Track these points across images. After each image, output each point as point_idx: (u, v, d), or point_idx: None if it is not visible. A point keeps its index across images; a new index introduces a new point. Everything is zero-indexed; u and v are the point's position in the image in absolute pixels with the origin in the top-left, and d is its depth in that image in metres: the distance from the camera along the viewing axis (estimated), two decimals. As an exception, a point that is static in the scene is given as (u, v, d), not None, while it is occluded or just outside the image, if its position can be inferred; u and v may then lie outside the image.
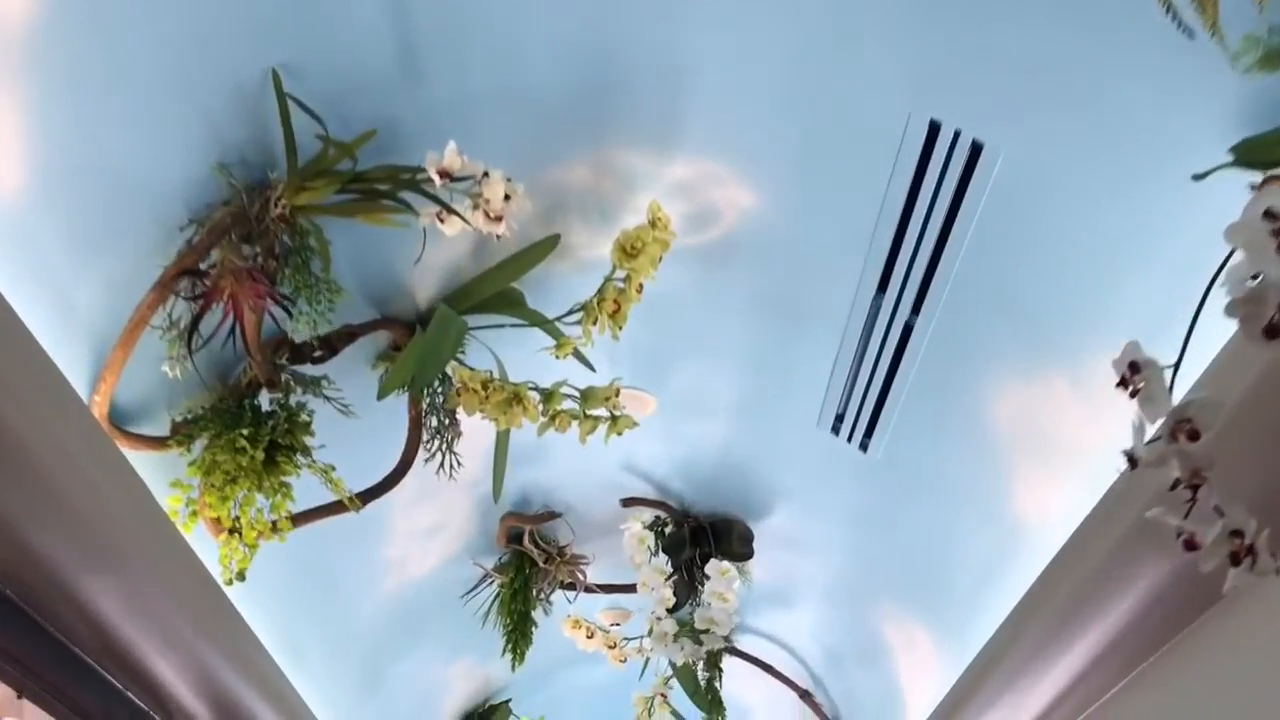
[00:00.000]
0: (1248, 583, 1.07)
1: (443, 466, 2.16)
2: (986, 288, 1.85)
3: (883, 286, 2.01)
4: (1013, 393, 1.97)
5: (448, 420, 2.16)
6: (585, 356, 2.17)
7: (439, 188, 1.62)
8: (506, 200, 1.67)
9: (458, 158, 1.60)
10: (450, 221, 1.66)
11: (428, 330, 1.95)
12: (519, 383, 2.04)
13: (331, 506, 2.06)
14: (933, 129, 1.67)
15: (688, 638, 2.80)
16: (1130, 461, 1.13)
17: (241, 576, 1.81)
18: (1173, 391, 1.13)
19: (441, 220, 1.66)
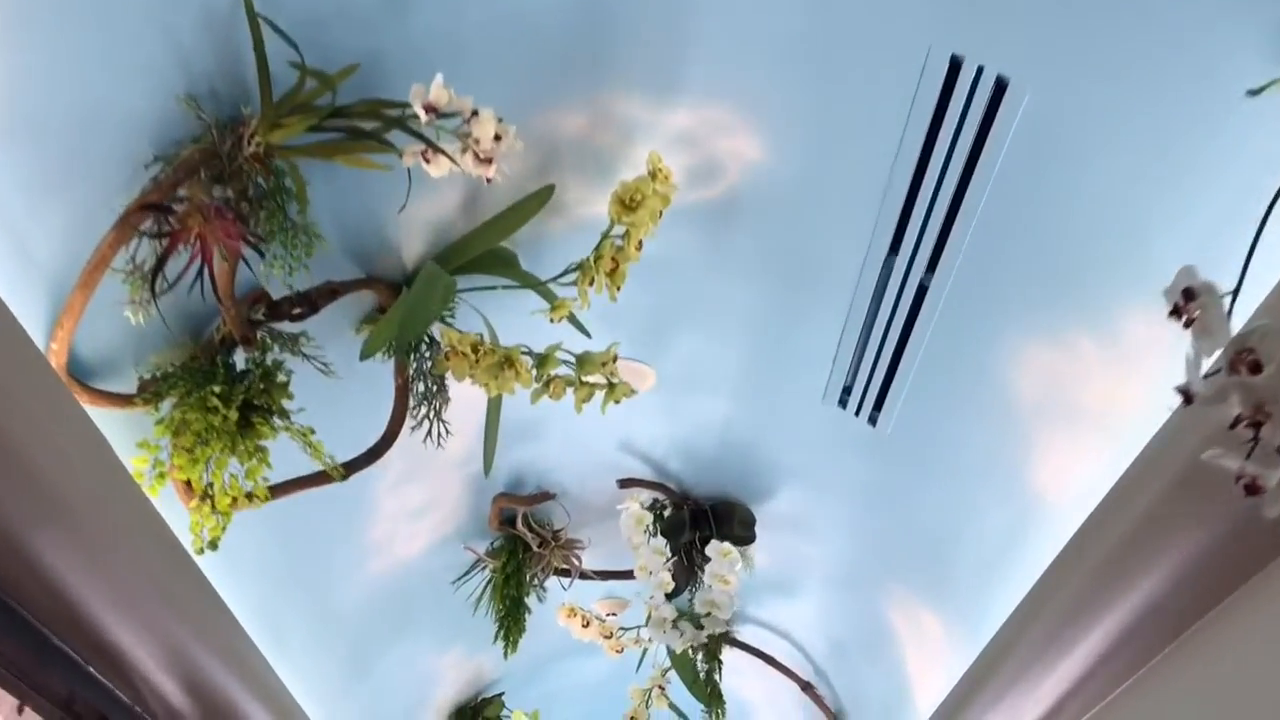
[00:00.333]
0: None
1: (430, 435, 2.05)
2: (1008, 242, 1.74)
3: (896, 245, 1.90)
4: (1035, 357, 1.86)
5: (435, 387, 2.05)
6: (581, 322, 2.06)
7: (424, 124, 1.51)
8: (497, 141, 1.56)
9: (444, 91, 1.49)
10: (437, 162, 1.55)
11: (413, 287, 1.84)
12: (511, 346, 1.92)
13: (313, 478, 1.95)
14: (953, 66, 1.56)
15: (688, 621, 2.68)
16: (1185, 397, 1.02)
17: (214, 546, 1.69)
18: (1231, 320, 1.02)
19: (427, 160, 1.55)
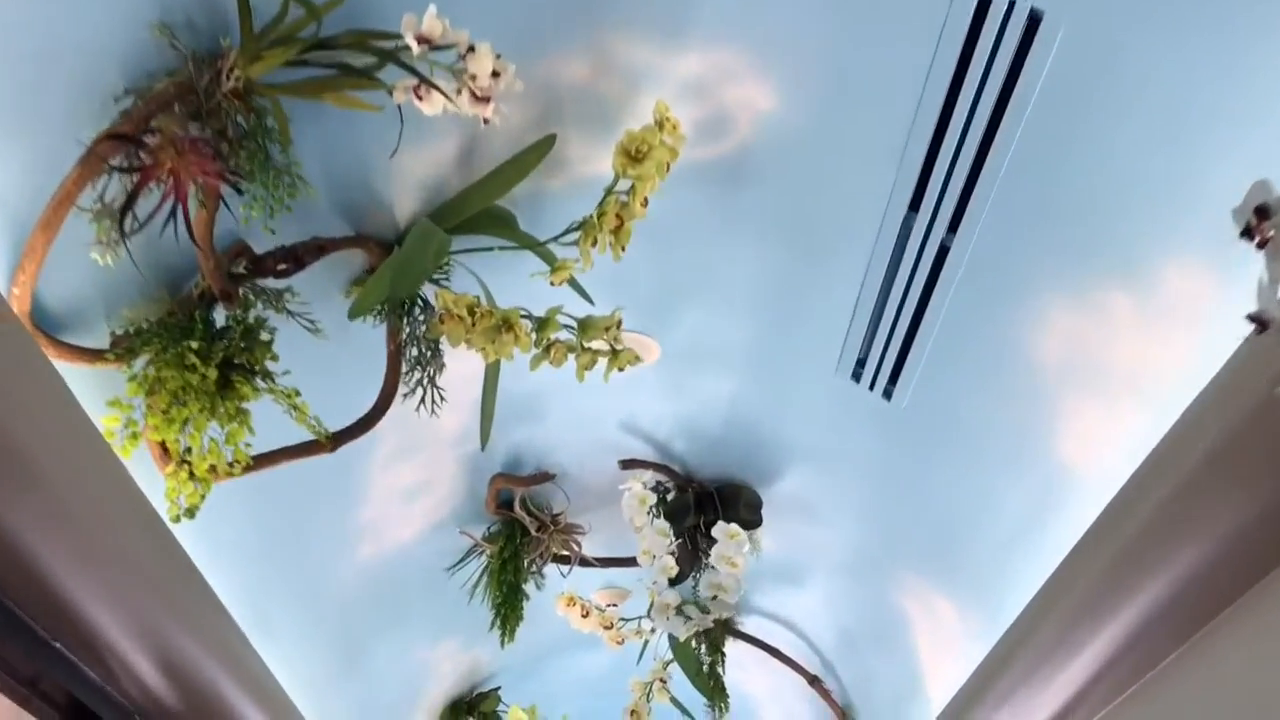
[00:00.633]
0: None
1: (424, 402, 1.94)
2: (1039, 194, 1.64)
3: (916, 202, 1.79)
4: (1064, 318, 1.75)
5: (430, 353, 1.94)
6: (582, 288, 1.96)
7: (417, 58, 1.40)
8: (495, 79, 1.45)
9: (438, 22, 1.38)
10: (430, 99, 1.44)
11: (405, 243, 1.73)
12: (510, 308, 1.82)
13: (300, 448, 1.84)
14: (983, -1, 1.46)
15: (693, 605, 2.58)
16: (1259, 324, 0.92)
17: (190, 514, 1.59)
18: (1309, 240, 0.92)
19: (420, 98, 1.45)
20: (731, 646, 3.11)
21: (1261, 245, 0.92)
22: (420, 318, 1.93)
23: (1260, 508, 1.44)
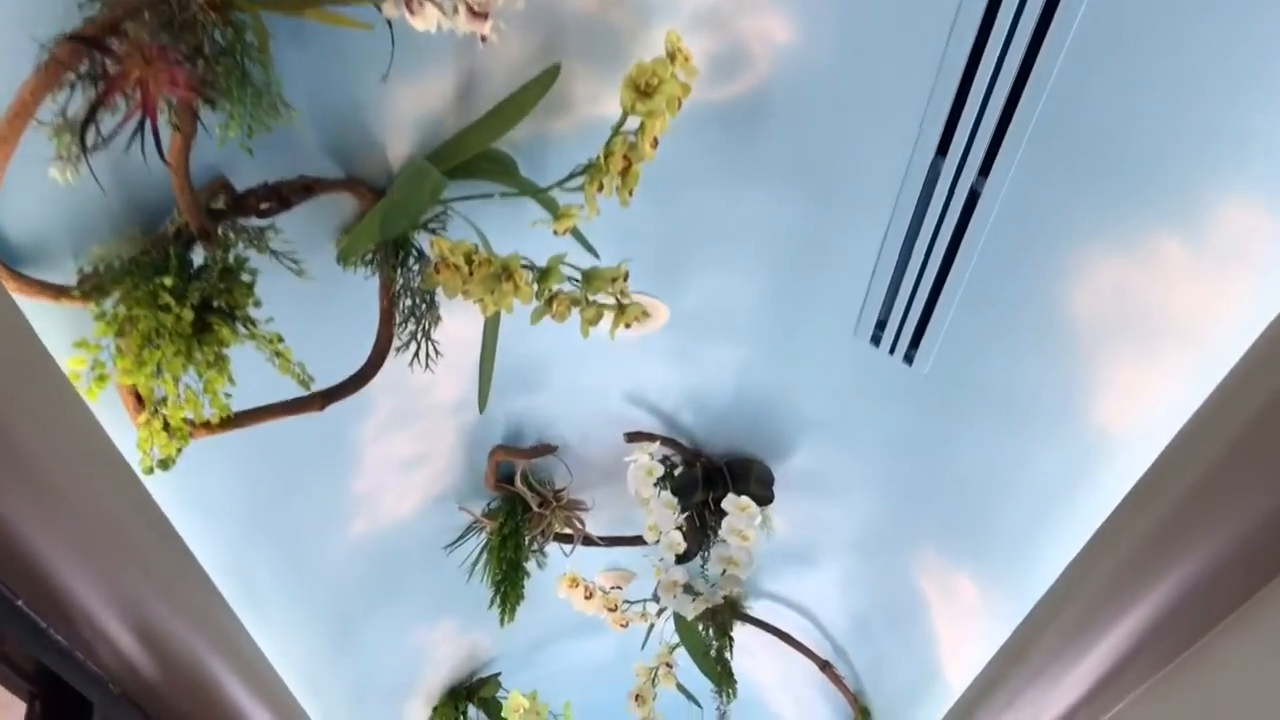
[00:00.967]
0: None
1: (418, 357, 1.83)
2: (1078, 131, 1.52)
3: (945, 145, 1.68)
4: (1102, 268, 1.64)
5: (425, 305, 1.83)
6: (587, 239, 1.85)
7: (408, -33, 1.29)
8: (494, -8, 1.34)
9: (432, -74, 1.27)
10: (422, 13, 1.33)
11: (397, 182, 1.62)
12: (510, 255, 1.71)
13: (287, 405, 1.74)
14: (1025, -91, 1.34)
15: (702, 580, 2.46)
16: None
17: (165, 465, 1.48)
18: None
19: (412, 11, 1.33)
20: (739, 631, 3.00)
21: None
22: (415, 268, 1.82)
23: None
